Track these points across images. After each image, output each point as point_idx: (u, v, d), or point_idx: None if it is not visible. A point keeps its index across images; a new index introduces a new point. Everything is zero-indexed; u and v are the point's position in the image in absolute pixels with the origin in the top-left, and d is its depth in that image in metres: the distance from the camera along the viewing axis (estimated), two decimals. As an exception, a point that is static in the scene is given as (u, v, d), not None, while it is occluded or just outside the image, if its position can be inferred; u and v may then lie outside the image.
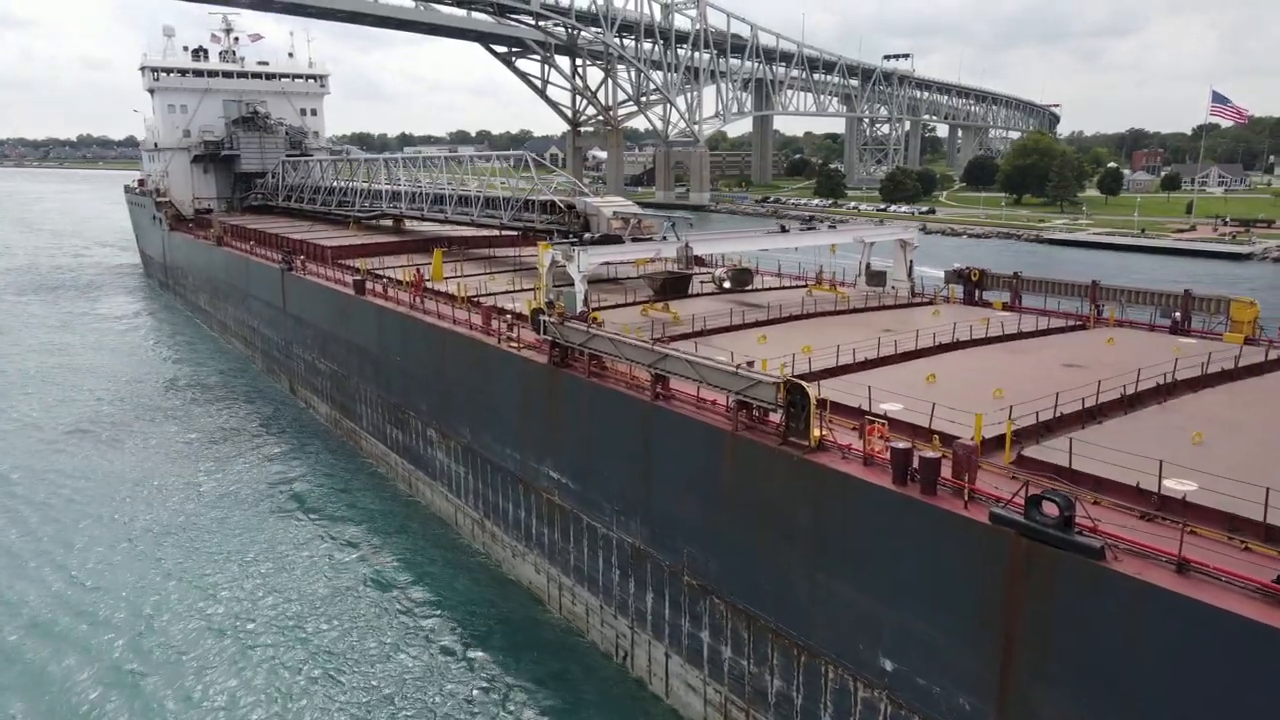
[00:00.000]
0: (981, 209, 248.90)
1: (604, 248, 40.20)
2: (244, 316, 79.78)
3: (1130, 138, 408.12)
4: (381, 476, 53.77)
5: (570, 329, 35.41)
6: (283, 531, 46.28)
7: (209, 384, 74.38)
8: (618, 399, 33.02)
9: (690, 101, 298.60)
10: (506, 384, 40.13)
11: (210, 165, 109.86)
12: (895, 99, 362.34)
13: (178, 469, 55.02)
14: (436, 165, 74.29)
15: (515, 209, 59.61)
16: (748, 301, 47.60)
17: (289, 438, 60.85)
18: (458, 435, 44.59)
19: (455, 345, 43.90)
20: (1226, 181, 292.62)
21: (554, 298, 40.96)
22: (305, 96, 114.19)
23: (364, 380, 55.07)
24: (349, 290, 55.93)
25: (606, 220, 51.61)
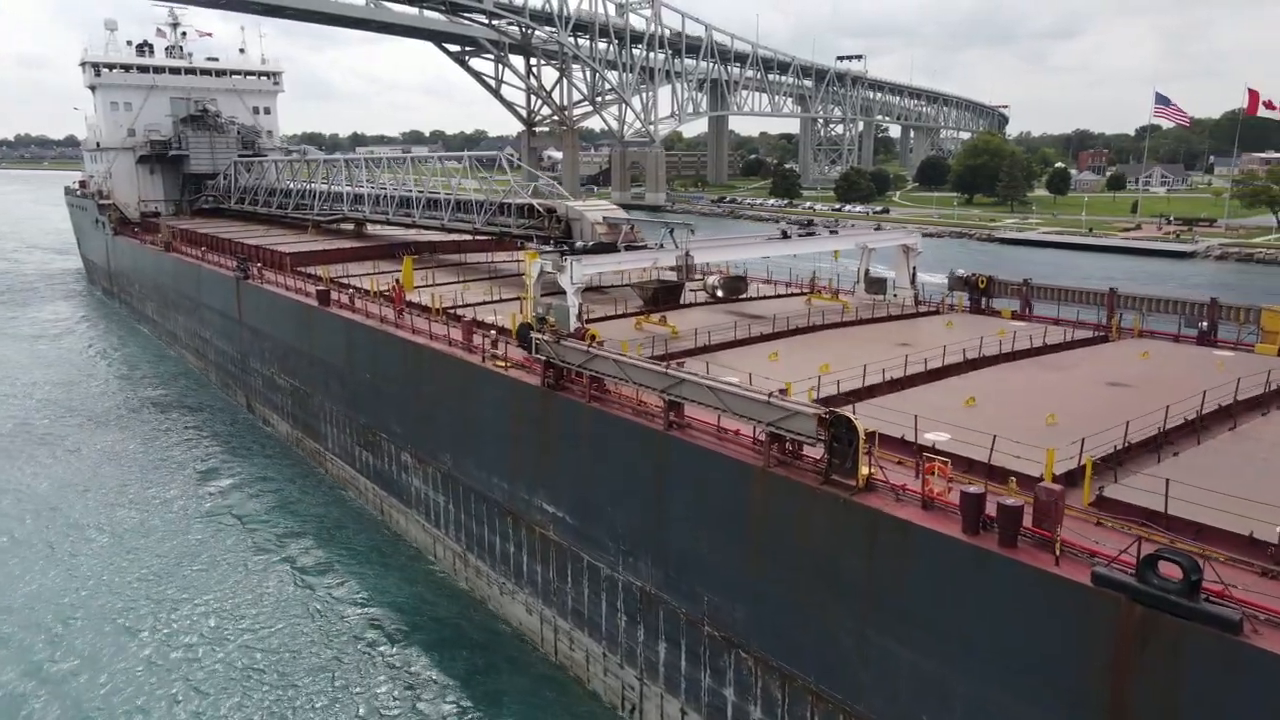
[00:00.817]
0: (934, 209, 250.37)
1: (598, 257, 36.76)
2: (196, 327, 74.72)
3: (1076, 138, 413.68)
4: (350, 502, 49.64)
5: (568, 348, 31.87)
6: (246, 559, 42.08)
7: (157, 399, 69.35)
8: (624, 427, 29.58)
9: (645, 102, 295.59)
10: (492, 407, 36.45)
11: (157, 166, 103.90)
12: (849, 100, 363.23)
13: (121, 489, 50.39)
14: (402, 166, 69.94)
15: (490, 213, 55.75)
16: (745, 312, 44.45)
17: (247, 458, 56.37)
18: (436, 461, 40.76)
19: (433, 363, 40.09)
20: (1169, 181, 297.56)
21: (543, 312, 37.33)
22: (258, 94, 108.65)
23: (329, 398, 50.87)
24: (312, 301, 51.69)
25: (591, 226, 48.03)
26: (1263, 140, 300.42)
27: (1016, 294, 44.04)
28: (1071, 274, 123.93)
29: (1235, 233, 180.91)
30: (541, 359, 32.99)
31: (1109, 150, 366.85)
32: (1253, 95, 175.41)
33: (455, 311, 45.13)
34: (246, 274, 61.27)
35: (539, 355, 33.18)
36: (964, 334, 38.39)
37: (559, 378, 32.91)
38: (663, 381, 27.94)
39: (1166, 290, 44.89)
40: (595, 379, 31.15)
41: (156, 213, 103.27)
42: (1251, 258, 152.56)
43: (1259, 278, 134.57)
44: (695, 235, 38.73)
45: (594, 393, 31.21)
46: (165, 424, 63.18)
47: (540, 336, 33.06)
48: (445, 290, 51.25)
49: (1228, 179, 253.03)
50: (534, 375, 34.36)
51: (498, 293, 49.46)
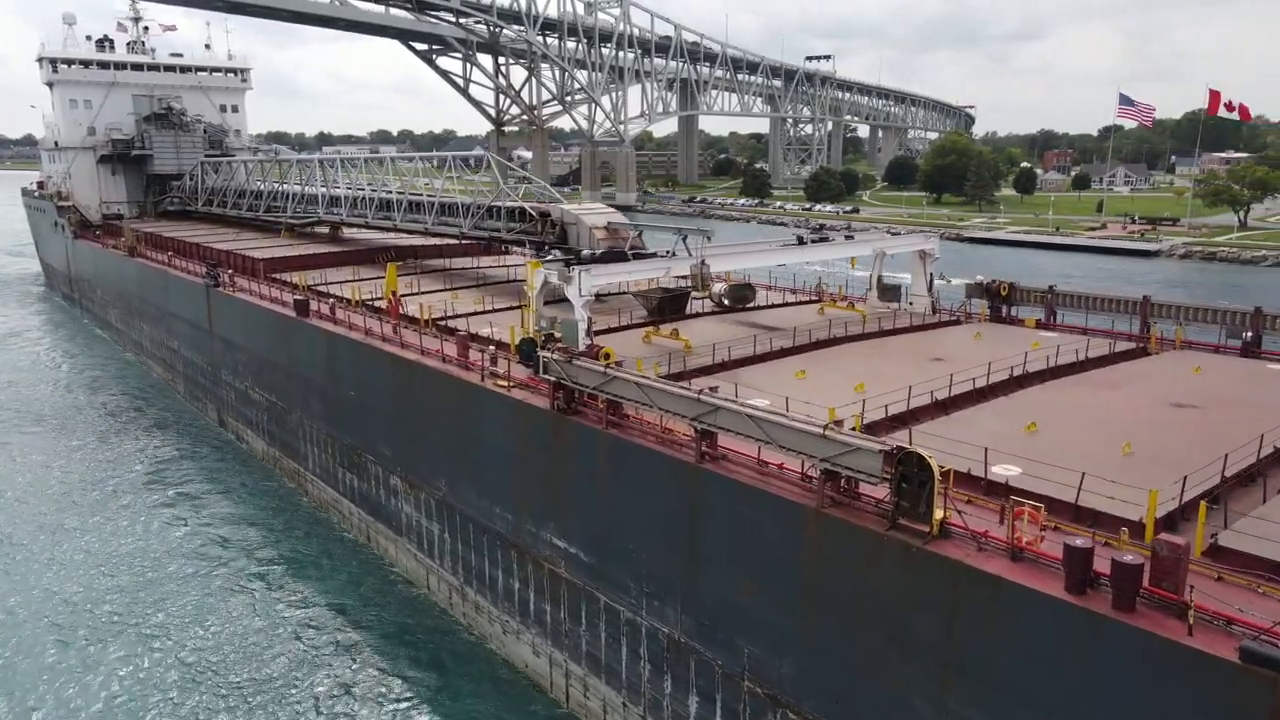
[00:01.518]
0: (904, 208, 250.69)
1: (608, 266, 33.64)
2: (162, 337, 70.41)
3: (1041, 138, 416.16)
4: (334, 527, 46.06)
5: (581, 369, 28.72)
6: (221, 587, 38.49)
7: (121, 411, 65.08)
8: (647, 457, 26.52)
9: (615, 101, 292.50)
10: (494, 430, 33.21)
11: (119, 166, 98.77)
12: (818, 100, 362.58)
13: (80, 506, 46.47)
14: (380, 166, 66.18)
15: (477, 216, 52.34)
16: (756, 323, 41.55)
17: (220, 477, 52.54)
18: (430, 486, 37.40)
19: (425, 381, 36.74)
20: (1132, 181, 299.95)
21: (546, 325, 34.12)
22: (225, 92, 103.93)
23: (310, 416, 47.24)
24: (289, 311, 48.06)
25: (590, 231, 44.85)
26: (1222, 140, 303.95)
27: (1040, 301, 41.52)
28: (1042, 274, 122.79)
29: (1198, 232, 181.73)
30: (550, 380, 29.85)
31: (1073, 150, 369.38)
32: (1214, 96, 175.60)
33: (446, 323, 41.82)
34: (217, 281, 57.32)
35: (548, 376, 30.03)
36: (996, 346, 35.74)
37: (570, 400, 29.79)
38: (695, 409, 24.90)
39: (1203, 298, 42.53)
40: (613, 403, 28.07)
41: (119, 215, 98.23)
42: (1215, 256, 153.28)
43: (1223, 275, 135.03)
44: (710, 241, 35.69)
45: (611, 418, 28.11)
46: (130, 438, 59.05)
47: (549, 355, 29.90)
48: (432, 299, 47.82)
49: (1189, 179, 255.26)
50: (541, 396, 31.22)
51: (489, 302, 46.13)
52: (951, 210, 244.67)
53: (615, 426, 28.04)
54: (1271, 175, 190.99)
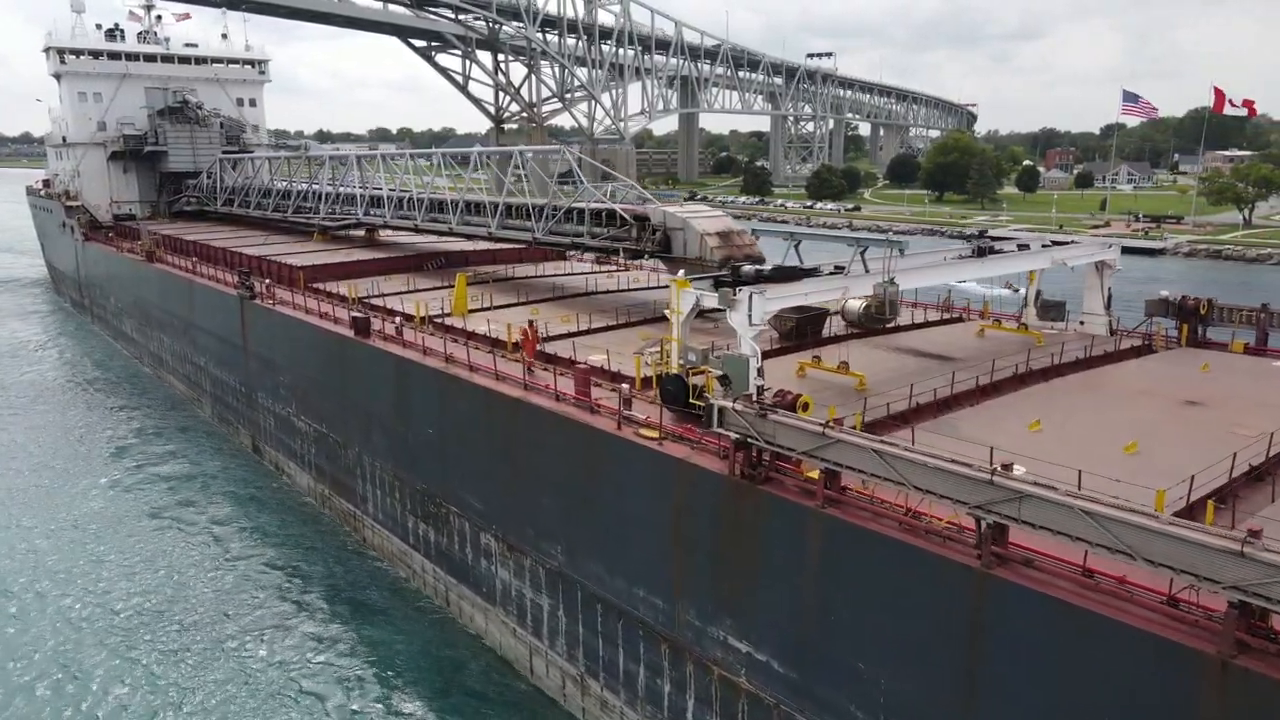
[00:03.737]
0: (905, 206, 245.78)
1: (783, 287, 26.22)
2: (186, 351, 62.55)
3: (1043, 137, 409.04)
4: (400, 583, 38.58)
5: (783, 426, 21.30)
6: (275, 645, 30.99)
7: (141, 433, 57.29)
8: (893, 551, 19.17)
9: (615, 99, 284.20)
10: (638, 492, 25.77)
11: (131, 163, 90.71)
12: (819, 97, 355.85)
13: (100, 546, 38.95)
14: (429, 164, 58.52)
15: (554, 220, 44.73)
16: (910, 347, 34.24)
17: (259, 514, 45.02)
18: (539, 552, 29.89)
19: (536, 424, 29.27)
20: (1135, 179, 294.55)
21: (695, 359, 26.61)
22: (242, 84, 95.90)
23: (371, 453, 39.66)
24: (344, 330, 40.53)
25: (700, 238, 37.38)
26: (1225, 138, 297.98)
27: (1245, 321, 34.21)
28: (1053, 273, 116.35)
29: (1203, 230, 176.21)
30: (730, 436, 22.44)
31: (1076, 149, 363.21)
32: (1218, 93, 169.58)
33: (540, 345, 34.32)
34: (253, 292, 49.59)
35: (726, 430, 22.63)
36: (1249, 382, 28.46)
37: (756, 462, 22.42)
38: (982, 493, 17.52)
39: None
40: (831, 472, 20.69)
41: (131, 215, 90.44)
42: (1220, 254, 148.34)
43: (1230, 273, 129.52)
44: (904, 256, 28.22)
45: (829, 492, 20.72)
46: (154, 465, 51.45)
47: (729, 404, 22.47)
48: (510, 315, 40.34)
49: (1193, 177, 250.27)
50: (707, 454, 23.91)
51: (583, 320, 38.52)
52: (954, 208, 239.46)
53: (834, 504, 20.66)
54: (1276, 173, 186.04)
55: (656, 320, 39.74)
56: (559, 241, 45.41)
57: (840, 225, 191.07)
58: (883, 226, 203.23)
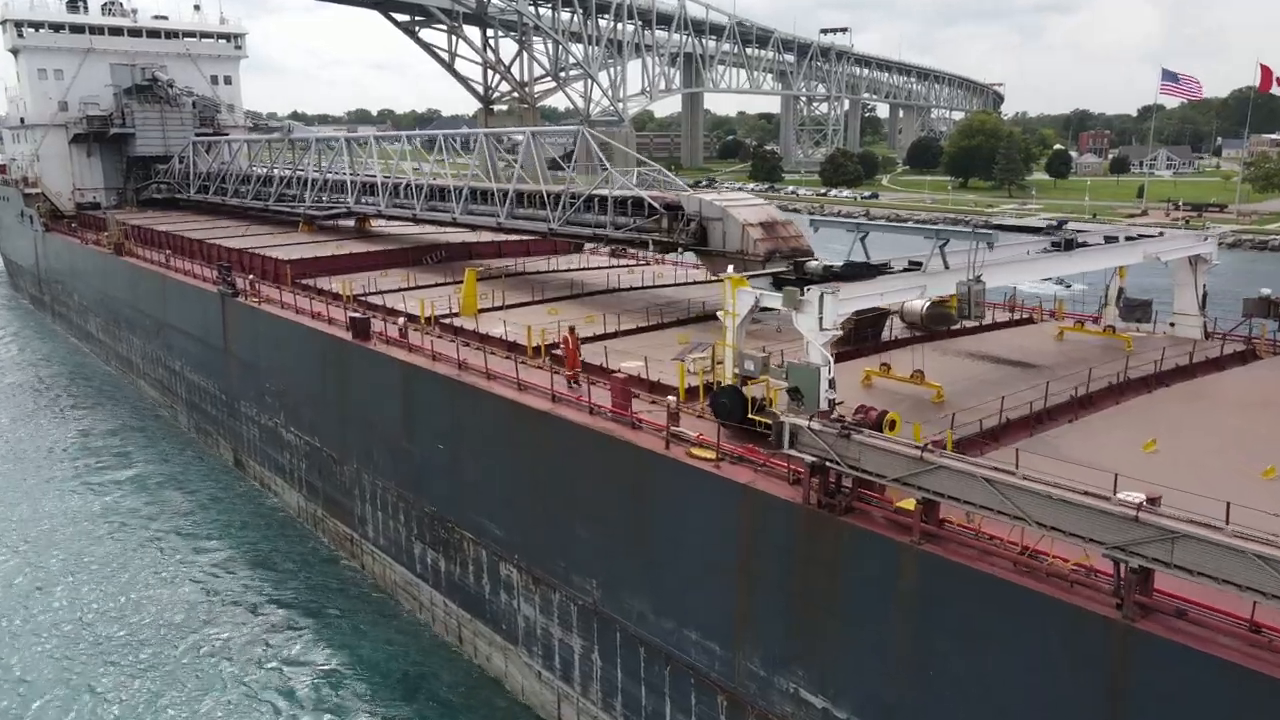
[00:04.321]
0: (926, 193, 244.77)
1: (856, 286, 24.56)
2: (159, 353, 60.85)
3: (1075, 119, 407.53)
4: (404, 616, 36.94)
5: (871, 448, 19.72)
6: (271, 697, 29.44)
7: (108, 445, 55.59)
8: (1008, 595, 17.61)
9: (613, 77, 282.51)
10: (694, 522, 24.17)
11: (95, 147, 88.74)
12: (833, 76, 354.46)
13: (57, 579, 37.20)
14: (430, 148, 56.72)
15: (573, 209, 43.08)
16: (982, 352, 32.64)
17: (245, 536, 43.45)
18: (572, 587, 28.27)
19: (568, 442, 27.68)
20: (1175, 164, 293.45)
21: (753, 368, 24.97)
22: (217, 60, 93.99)
23: (372, 470, 38.01)
24: (340, 332, 38.92)
25: (742, 229, 35.79)
26: (1272, 120, 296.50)
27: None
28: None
29: (1248, 219, 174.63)
30: (806, 458, 20.84)
31: (1110, 131, 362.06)
32: (1265, 72, 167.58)
33: (563, 351, 32.64)
34: (235, 289, 47.93)
35: (799, 453, 21.04)
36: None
37: (835, 488, 20.83)
38: (1125, 532, 15.94)
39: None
40: (929, 503, 19.10)
41: (95, 204, 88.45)
42: (1266, 245, 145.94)
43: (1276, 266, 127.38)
44: (991, 251, 26.56)
45: (927, 525, 19.13)
46: (123, 481, 49.94)
47: (804, 422, 20.86)
48: (525, 316, 38.73)
49: (1237, 161, 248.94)
50: (774, 479, 22.35)
51: (611, 321, 36.84)
52: (979, 196, 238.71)
53: (933, 539, 19.08)
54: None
55: (692, 321, 38.25)
56: (578, 233, 43.81)
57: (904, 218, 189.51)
58: (902, 216, 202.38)
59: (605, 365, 30.90)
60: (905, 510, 19.75)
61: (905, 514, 19.72)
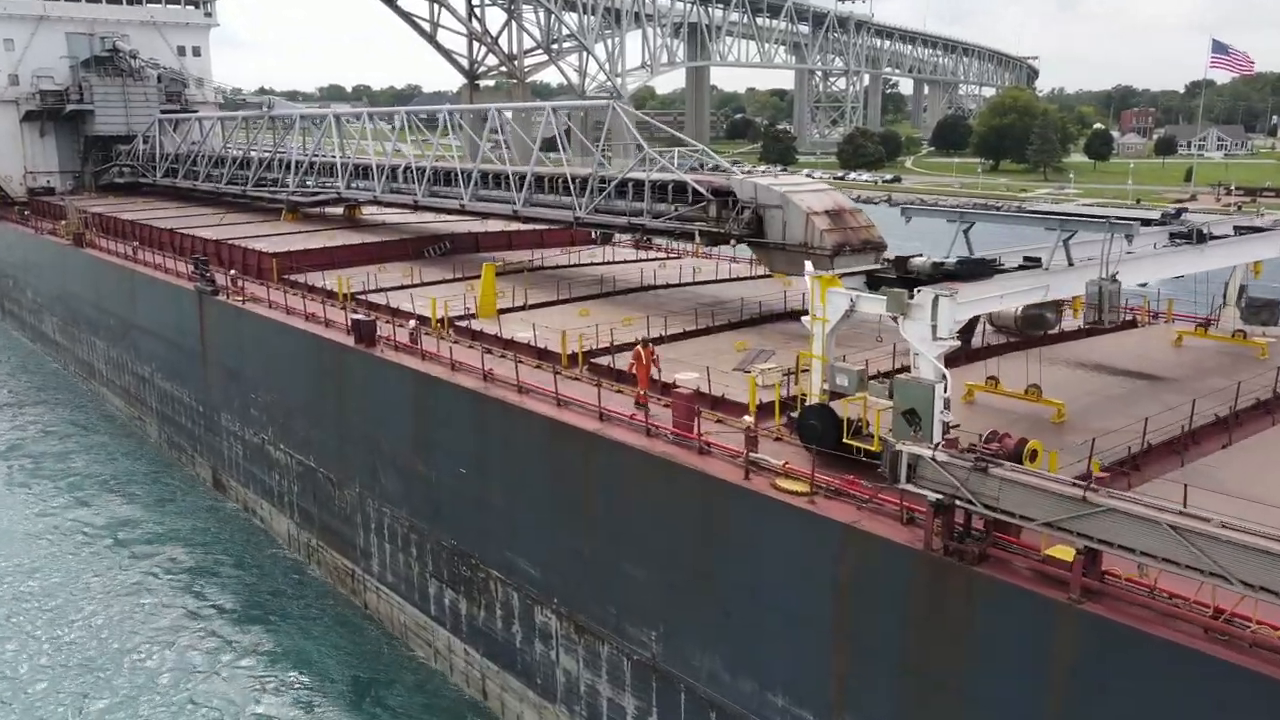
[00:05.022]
0: (954, 177, 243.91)
1: (974, 287, 22.54)
2: (127, 359, 58.82)
3: (1117, 95, 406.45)
4: (416, 664, 34.94)
5: (1016, 485, 17.74)
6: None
7: (66, 461, 53.50)
8: (1207, 673, 15.65)
9: (611, 50, 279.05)
10: (781, 567, 22.19)
11: (50, 126, 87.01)
12: (852, 48, 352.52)
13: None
14: (433, 128, 54.74)
15: (604, 195, 41.05)
16: (1098, 362, 30.74)
17: (227, 568, 41.40)
18: (625, 639, 26.26)
19: (621, 468, 25.73)
20: (1226, 145, 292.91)
21: (848, 383, 22.98)
22: (184, 29, 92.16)
23: (379, 496, 35.97)
24: (340, 336, 36.94)
25: (806, 219, 33.75)
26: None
27: None
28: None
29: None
30: (929, 495, 18.87)
31: (1156, 109, 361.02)
32: None
33: (631, 370, 30.70)
34: (214, 286, 45.88)
35: (919, 488, 19.07)
36: None
37: (964, 531, 18.87)
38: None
39: None
40: (1091, 552, 17.13)
41: (49, 188, 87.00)
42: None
43: None
44: (1131, 247, 24.51)
45: (1088, 580, 17.14)
46: (83, 502, 47.87)
47: (927, 452, 18.89)
48: (549, 317, 36.79)
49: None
50: (880, 517, 20.40)
51: (654, 324, 34.76)
52: (1011, 179, 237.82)
53: (1095, 596, 17.10)
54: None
55: (745, 324, 36.32)
56: (610, 223, 41.78)
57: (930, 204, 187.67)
58: (927, 200, 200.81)
59: (659, 377, 28.91)
60: (1058, 560, 17.77)
61: (1058, 564, 17.73)
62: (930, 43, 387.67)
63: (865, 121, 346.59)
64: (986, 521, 18.74)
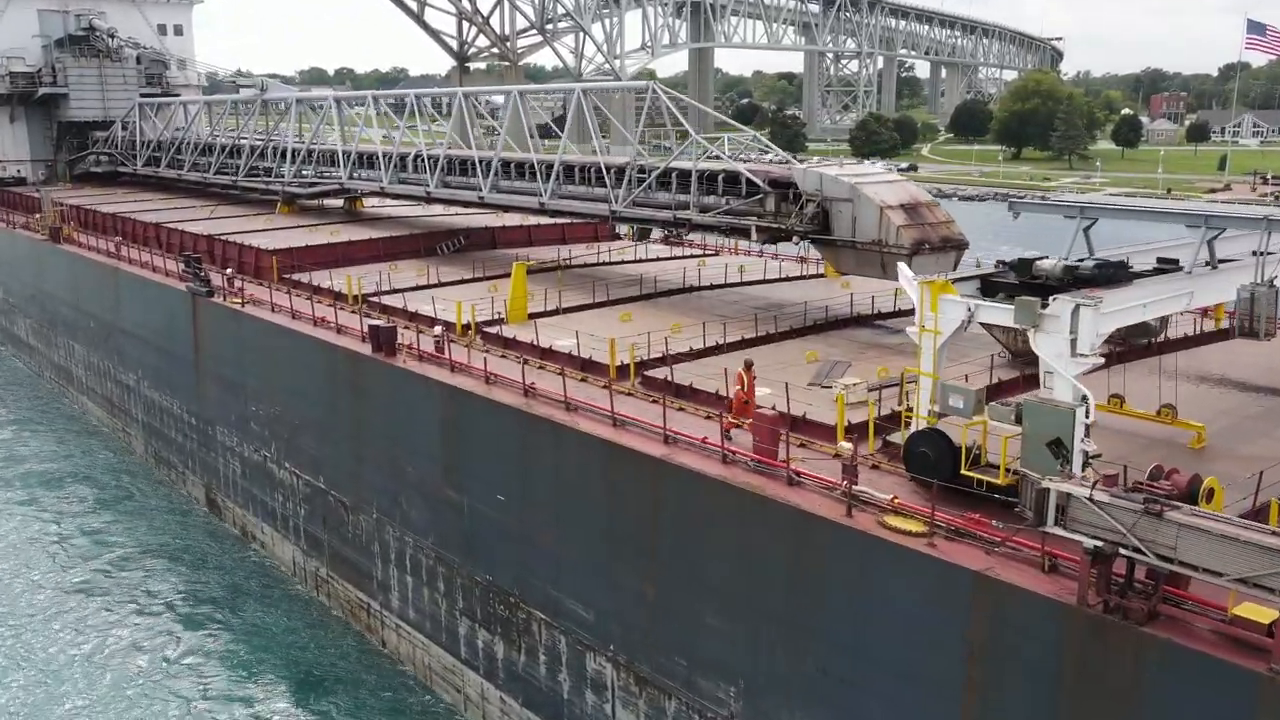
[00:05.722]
0: (973, 165, 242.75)
1: (1115, 294, 20.51)
2: (110, 365, 56.79)
3: (1146, 79, 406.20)
4: (443, 711, 32.95)
5: (1199, 533, 15.76)
6: None
7: (42, 476, 51.54)
8: None
9: (609, 30, 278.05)
10: (895, 618, 20.20)
11: (20, 111, 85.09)
12: (865, 29, 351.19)
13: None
14: (443, 114, 52.80)
15: (644, 187, 39.03)
16: (1222, 375, 28.87)
17: (214, 599, 39.44)
18: (697, 694, 24.22)
19: (694, 500, 23.78)
20: (1262, 131, 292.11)
21: (962, 409, 20.95)
22: (166, 6, 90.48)
23: (401, 523, 33.94)
24: (354, 344, 34.94)
25: (877, 212, 31.77)
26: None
27: None
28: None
29: None
30: (1085, 541, 16.89)
31: (1188, 94, 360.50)
32: None
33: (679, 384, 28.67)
34: (209, 287, 43.82)
35: (1069, 532, 17.11)
36: None
37: (1125, 584, 16.90)
38: None
39: None
40: None
41: (20, 178, 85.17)
42: None
43: None
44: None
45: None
46: (58, 520, 46.16)
47: (1083, 490, 16.91)
48: (586, 322, 34.78)
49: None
50: (1018, 564, 18.42)
51: (711, 331, 32.72)
52: (1034, 167, 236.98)
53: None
54: None
55: (809, 331, 34.30)
56: (650, 217, 39.85)
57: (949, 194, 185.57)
58: (945, 191, 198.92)
59: (724, 393, 26.89)
60: (1252, 621, 15.78)
61: (1252, 626, 15.75)
62: (948, 23, 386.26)
63: (879, 106, 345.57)
64: (1150, 572, 16.83)
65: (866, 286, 37.55)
